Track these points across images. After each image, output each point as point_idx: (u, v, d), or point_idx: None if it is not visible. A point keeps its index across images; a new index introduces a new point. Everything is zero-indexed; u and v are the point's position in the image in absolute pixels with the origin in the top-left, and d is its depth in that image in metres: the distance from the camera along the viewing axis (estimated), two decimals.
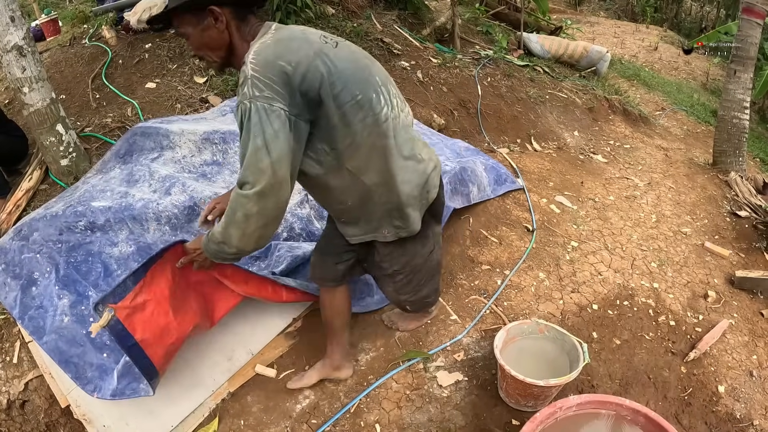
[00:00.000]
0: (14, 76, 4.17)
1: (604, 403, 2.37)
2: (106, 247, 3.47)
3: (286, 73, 1.92)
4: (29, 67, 4.18)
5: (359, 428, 2.88)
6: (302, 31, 2.13)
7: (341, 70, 2.05)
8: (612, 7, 20.07)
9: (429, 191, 2.50)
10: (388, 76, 2.31)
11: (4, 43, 4.05)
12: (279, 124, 1.92)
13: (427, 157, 2.48)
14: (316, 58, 2.00)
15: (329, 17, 6.78)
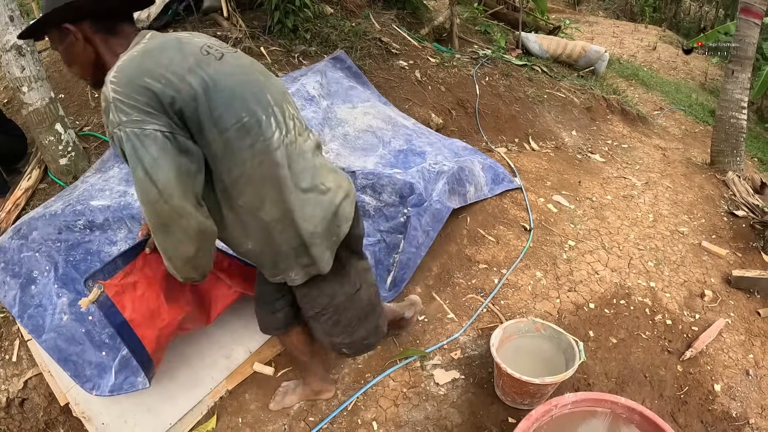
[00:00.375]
0: (13, 75, 4.19)
1: (600, 401, 2.38)
2: (105, 245, 3.49)
3: (153, 92, 1.64)
4: (28, 66, 4.19)
5: (356, 426, 2.90)
6: (178, 40, 1.81)
7: (222, 88, 1.78)
8: (611, 7, 20.08)
9: (339, 225, 2.16)
10: (285, 94, 2.05)
11: (3, 43, 4.06)
12: (156, 148, 1.63)
13: (335, 185, 2.14)
14: (190, 73, 1.72)
15: (328, 16, 6.78)
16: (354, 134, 4.85)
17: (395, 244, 3.93)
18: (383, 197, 4.05)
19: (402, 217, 3.97)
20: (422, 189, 4.07)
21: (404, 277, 3.81)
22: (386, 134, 4.95)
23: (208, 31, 6.02)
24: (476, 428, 2.87)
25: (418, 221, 3.92)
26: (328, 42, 6.31)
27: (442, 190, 4.25)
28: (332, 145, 4.65)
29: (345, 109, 5.13)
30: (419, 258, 3.90)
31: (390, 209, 4.00)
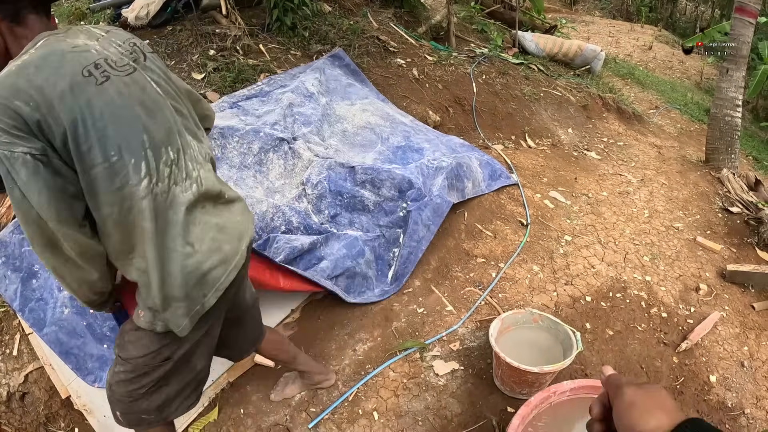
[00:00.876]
0: None
1: (597, 388, 2.42)
2: None
3: (21, 116, 1.46)
4: None
5: (357, 416, 2.93)
6: (62, 55, 1.56)
7: (97, 119, 1.57)
8: (607, 7, 20.20)
9: (205, 294, 1.86)
10: (176, 133, 1.78)
11: None
12: (26, 172, 1.49)
13: (210, 247, 1.85)
14: (60, 100, 1.51)
15: (326, 15, 6.82)
16: (353, 131, 4.89)
17: (395, 238, 3.97)
18: (382, 192, 4.08)
19: (401, 212, 4.01)
20: (421, 184, 4.11)
21: (406, 271, 3.85)
22: (384, 131, 4.99)
23: (207, 29, 6.06)
24: (475, 418, 2.91)
25: (419, 215, 3.96)
26: (326, 40, 6.34)
27: (442, 185, 4.29)
28: (331, 141, 4.69)
29: (344, 105, 5.17)
30: (420, 252, 3.95)
31: (389, 204, 4.04)
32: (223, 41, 5.91)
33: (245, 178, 4.19)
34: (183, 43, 6.00)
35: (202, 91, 5.26)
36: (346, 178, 4.14)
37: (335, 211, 4.04)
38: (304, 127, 4.56)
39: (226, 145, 4.30)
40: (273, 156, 4.26)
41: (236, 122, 4.48)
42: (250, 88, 5.05)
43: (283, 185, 4.19)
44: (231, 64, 5.55)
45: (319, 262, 3.61)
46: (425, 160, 4.51)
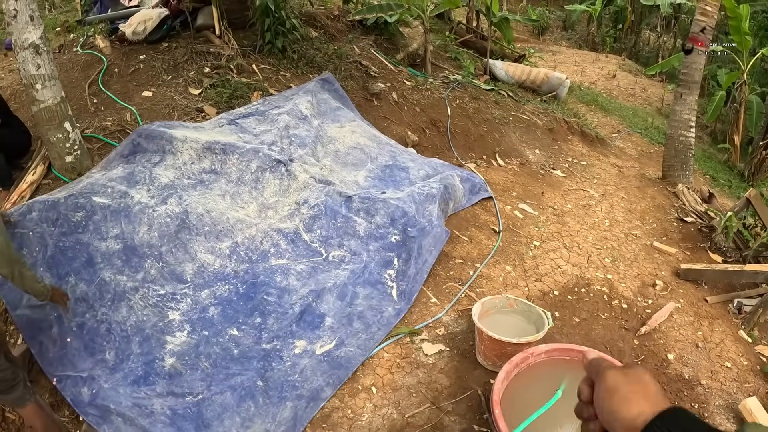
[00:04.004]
0: (28, 72, 4.40)
1: (568, 350, 2.85)
2: (95, 239, 3.87)
3: None
4: (44, 65, 4.43)
5: (357, 391, 3.32)
6: None
7: None
8: (573, 37, 21.07)
9: None
10: None
11: (22, 41, 4.30)
12: None
13: None
14: None
15: (313, 39, 7.29)
16: (344, 151, 5.34)
17: (387, 261, 4.30)
18: (375, 219, 4.50)
19: (392, 238, 4.40)
20: (414, 212, 4.54)
21: (414, 289, 4.19)
22: (373, 151, 5.45)
23: (201, 48, 6.49)
24: (462, 389, 3.31)
25: (423, 243, 4.36)
26: (314, 63, 6.80)
27: (438, 214, 4.73)
28: (325, 161, 5.12)
29: (334, 127, 5.62)
30: (425, 273, 4.33)
31: (380, 230, 4.45)
32: (218, 60, 6.33)
33: (241, 193, 4.57)
34: (179, 60, 6.39)
35: (200, 105, 5.65)
36: (341, 205, 4.55)
37: (327, 233, 4.42)
38: (300, 149, 4.99)
39: (226, 161, 4.67)
40: (269, 176, 4.66)
41: (235, 139, 4.88)
42: (247, 107, 5.47)
43: (276, 202, 4.57)
44: (226, 81, 5.95)
45: (323, 319, 3.82)
46: (415, 188, 4.93)
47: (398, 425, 3.15)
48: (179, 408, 3.25)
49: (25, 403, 2.98)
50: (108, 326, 3.56)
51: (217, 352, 3.56)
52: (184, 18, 6.84)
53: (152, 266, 3.89)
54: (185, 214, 4.16)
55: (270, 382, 3.39)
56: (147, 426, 3.14)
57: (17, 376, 2.96)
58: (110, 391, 3.26)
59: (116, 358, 3.46)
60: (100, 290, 3.67)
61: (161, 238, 4.02)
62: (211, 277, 3.96)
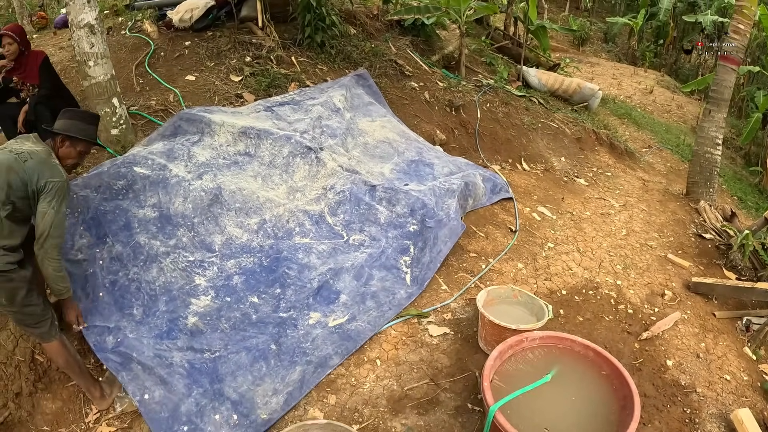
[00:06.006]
0: (82, 50, 4.75)
1: (562, 339, 3.03)
2: (134, 206, 4.19)
3: None
4: (97, 44, 4.77)
5: (363, 362, 3.55)
6: None
7: None
8: (613, 50, 20.96)
9: None
10: None
11: (78, 20, 4.65)
12: None
13: None
14: None
15: (351, 36, 7.54)
16: (373, 143, 5.60)
17: (404, 248, 4.55)
18: (396, 209, 4.76)
19: (411, 227, 4.64)
20: (433, 204, 4.77)
21: (426, 276, 4.41)
22: (401, 146, 5.69)
23: (244, 38, 6.80)
24: (461, 370, 3.51)
25: (439, 234, 4.59)
26: (350, 59, 7.05)
27: (456, 208, 4.93)
28: (354, 152, 5.38)
29: (365, 121, 5.87)
30: (439, 262, 4.54)
31: (399, 219, 4.70)
32: (259, 50, 6.62)
33: (272, 175, 4.85)
34: (222, 48, 6.71)
35: (240, 91, 5.94)
36: (365, 193, 4.82)
37: (350, 218, 4.69)
38: (330, 139, 5.26)
39: (260, 145, 4.95)
40: (300, 161, 4.93)
41: (270, 125, 5.16)
42: (283, 96, 5.75)
43: (304, 186, 4.84)
44: (266, 71, 6.24)
45: (338, 296, 4.10)
46: (437, 182, 5.16)
47: (397, 396, 3.38)
48: (197, 362, 3.53)
49: (50, 339, 3.30)
50: (138, 285, 3.86)
51: (236, 316, 3.86)
52: (229, 9, 7.16)
53: (184, 234, 4.21)
54: (218, 190, 4.44)
55: (283, 346, 3.67)
56: (165, 376, 3.41)
57: (47, 314, 3.27)
58: (134, 341, 3.54)
59: (143, 313, 3.76)
60: (134, 252, 3.97)
61: (194, 210, 4.32)
62: (238, 249, 4.25)
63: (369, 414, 3.29)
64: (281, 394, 3.43)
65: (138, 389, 3.38)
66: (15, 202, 3.09)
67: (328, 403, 3.38)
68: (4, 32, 4.62)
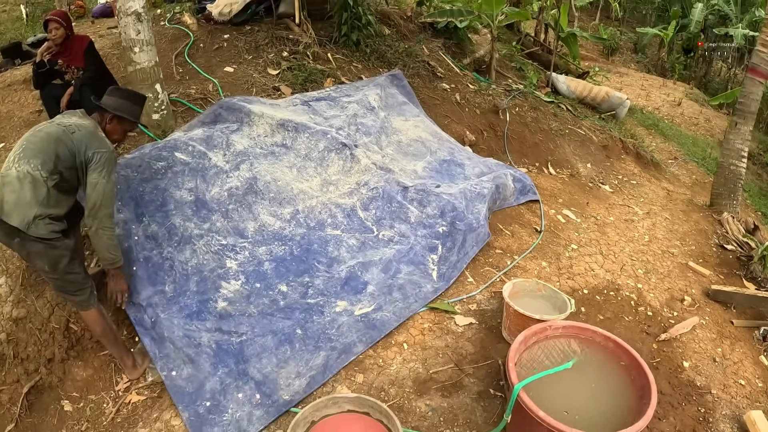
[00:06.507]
0: (129, 36, 4.96)
1: (583, 329, 3.17)
2: (172, 187, 4.38)
3: None
4: (143, 31, 4.99)
5: (390, 345, 3.73)
6: None
7: None
8: (643, 61, 20.92)
9: None
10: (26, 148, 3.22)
11: (126, 8, 4.87)
12: None
13: None
14: None
15: (385, 36, 7.72)
16: (406, 142, 5.77)
17: (432, 247, 4.68)
18: (426, 210, 4.92)
19: (440, 228, 4.78)
20: (463, 208, 4.93)
21: (453, 274, 4.57)
22: (433, 145, 5.85)
23: (281, 33, 7.00)
24: (485, 357, 3.67)
25: (467, 237, 4.75)
26: (384, 58, 7.24)
27: (485, 214, 5.08)
28: (387, 150, 5.55)
29: (399, 120, 6.05)
30: (465, 263, 4.71)
31: (429, 220, 4.85)
32: (296, 46, 6.83)
33: (307, 167, 5.02)
34: (260, 42, 6.93)
35: (277, 84, 6.14)
36: (398, 192, 4.99)
37: (381, 214, 4.85)
38: (365, 136, 5.44)
39: (297, 138, 5.14)
40: (334, 156, 5.11)
41: (307, 120, 5.34)
42: (320, 91, 5.94)
43: (338, 180, 5.01)
44: (302, 65, 6.44)
45: (365, 286, 4.26)
46: (468, 184, 5.31)
47: (422, 378, 3.55)
48: (223, 344, 3.71)
49: (89, 308, 3.47)
50: (171, 263, 4.01)
51: (265, 302, 4.00)
52: (268, 5, 7.39)
53: (218, 219, 4.36)
54: (254, 180, 4.62)
55: (308, 332, 3.83)
56: (192, 355, 3.60)
57: (87, 283, 3.45)
58: (166, 321, 3.72)
59: (174, 291, 3.91)
60: (169, 232, 4.14)
61: (230, 197, 4.49)
62: (270, 237, 4.41)
63: (395, 393, 3.45)
64: (304, 377, 3.59)
65: (166, 365, 3.60)
66: (62, 172, 3.25)
67: (355, 381, 3.56)
68: (51, 17, 4.83)
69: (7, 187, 3.16)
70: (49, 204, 3.22)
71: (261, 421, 3.38)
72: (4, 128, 5.63)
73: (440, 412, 3.35)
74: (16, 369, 3.62)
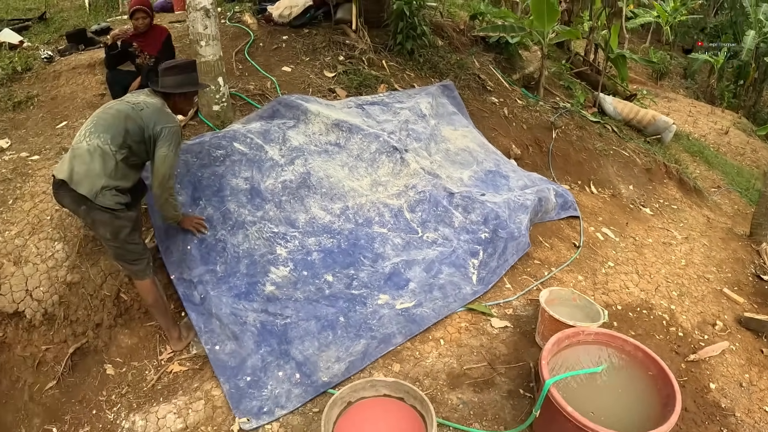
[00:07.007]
0: (196, 30, 5.19)
1: (615, 337, 3.33)
2: (229, 175, 4.66)
3: None
4: (210, 26, 5.21)
5: (428, 340, 3.93)
6: None
7: None
8: (692, 87, 20.67)
9: None
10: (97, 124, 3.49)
11: (196, 3, 5.09)
12: None
13: None
14: None
15: (438, 47, 7.95)
16: (454, 151, 5.98)
17: (473, 252, 4.86)
18: (470, 217, 5.12)
19: (482, 234, 4.97)
20: (506, 217, 5.12)
21: (492, 279, 4.77)
22: (479, 155, 6.05)
23: (338, 38, 7.28)
24: (517, 359, 3.84)
25: (508, 245, 4.95)
26: (436, 69, 7.46)
27: (527, 225, 5.26)
28: (436, 157, 5.77)
29: (448, 129, 6.26)
30: (504, 270, 4.90)
31: (473, 226, 5.04)
32: (352, 51, 7.10)
33: (358, 167, 5.26)
34: (317, 45, 7.22)
35: (332, 86, 6.40)
36: (444, 197, 5.21)
37: (426, 217, 5.06)
38: (415, 142, 5.67)
39: (350, 138, 5.39)
40: (385, 158, 5.34)
41: (360, 122, 5.59)
42: (374, 96, 6.19)
43: (387, 182, 5.24)
44: (357, 70, 6.70)
45: (407, 283, 4.47)
46: (512, 195, 5.50)
47: (456, 373, 3.75)
48: (268, 324, 3.95)
49: (144, 278, 3.72)
50: (224, 245, 4.28)
51: (311, 290, 4.23)
52: (326, 10, 7.68)
53: (271, 209, 4.61)
54: (307, 175, 4.87)
55: (351, 320, 4.05)
56: (237, 332, 3.85)
57: (145, 254, 3.73)
58: (215, 299, 3.98)
59: (225, 271, 4.17)
60: (223, 216, 4.41)
61: (283, 189, 4.74)
62: (320, 229, 4.65)
63: (429, 384, 3.65)
64: (344, 362, 3.80)
65: (210, 340, 3.85)
66: (131, 146, 3.51)
67: (392, 370, 3.77)
68: (139, 7, 5.15)
69: (78, 159, 3.41)
70: (117, 176, 3.46)
71: (299, 399, 3.60)
72: (67, 108, 5.98)
73: (470, 406, 3.53)
74: (65, 330, 3.90)
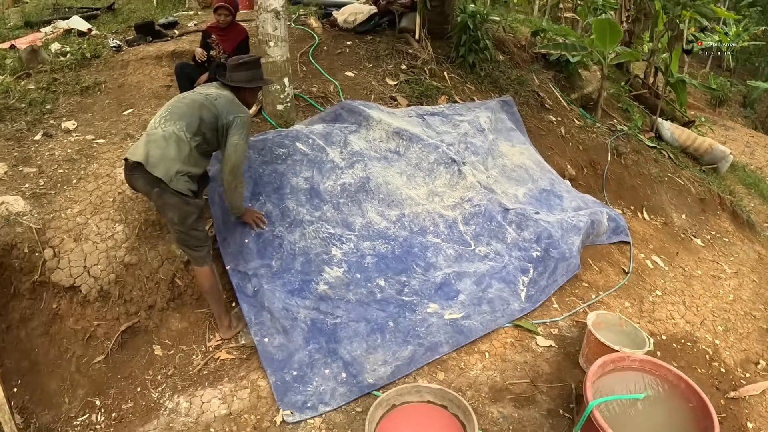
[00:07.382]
0: (266, 31, 5.34)
1: (659, 366, 3.40)
2: (289, 173, 4.82)
3: None
4: (280, 28, 5.36)
5: (473, 352, 4.06)
6: None
7: None
8: (751, 116, 20.20)
9: None
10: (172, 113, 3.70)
11: (267, 5, 5.25)
12: None
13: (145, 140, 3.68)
14: None
15: (499, 62, 8.04)
16: (510, 167, 6.07)
17: (524, 269, 4.93)
18: (523, 234, 5.21)
19: (534, 252, 5.05)
20: (559, 237, 5.20)
21: (541, 297, 4.85)
22: (535, 174, 6.13)
23: (401, 47, 7.44)
24: (559, 379, 3.94)
25: (558, 265, 5.02)
26: (497, 83, 7.56)
27: (578, 246, 5.32)
28: (492, 171, 5.87)
29: (506, 145, 6.36)
30: (553, 289, 4.99)
31: (525, 244, 5.13)
32: (414, 60, 7.25)
33: (416, 176, 5.40)
34: (380, 53, 7.39)
35: (394, 94, 6.56)
36: (499, 213, 5.30)
37: (479, 231, 5.17)
38: (473, 155, 5.78)
39: (410, 147, 5.53)
40: (443, 169, 5.48)
41: (420, 132, 5.73)
42: (434, 107, 6.33)
43: (443, 192, 5.37)
44: (419, 80, 6.86)
45: (457, 294, 4.58)
46: (565, 216, 5.56)
47: (498, 386, 3.86)
48: (318, 322, 4.09)
49: (204, 264, 3.90)
50: (280, 242, 4.44)
51: (363, 292, 4.36)
52: (390, 18, 7.86)
53: (329, 210, 4.77)
54: (366, 180, 5.02)
55: (400, 325, 4.16)
56: (287, 326, 3.99)
57: (207, 241, 3.92)
58: (269, 292, 4.12)
59: (280, 267, 4.33)
60: (282, 213, 4.57)
61: (342, 192, 4.90)
62: (375, 234, 4.78)
63: (471, 395, 3.77)
64: (390, 365, 3.91)
65: (260, 331, 4.01)
66: (205, 134, 3.73)
67: (436, 378, 3.90)
68: (222, 4, 5.39)
69: (153, 144, 3.60)
70: (190, 162, 3.67)
71: (343, 397, 3.72)
72: (133, 96, 6.26)
73: (510, 420, 3.63)
74: (118, 308, 4.09)
